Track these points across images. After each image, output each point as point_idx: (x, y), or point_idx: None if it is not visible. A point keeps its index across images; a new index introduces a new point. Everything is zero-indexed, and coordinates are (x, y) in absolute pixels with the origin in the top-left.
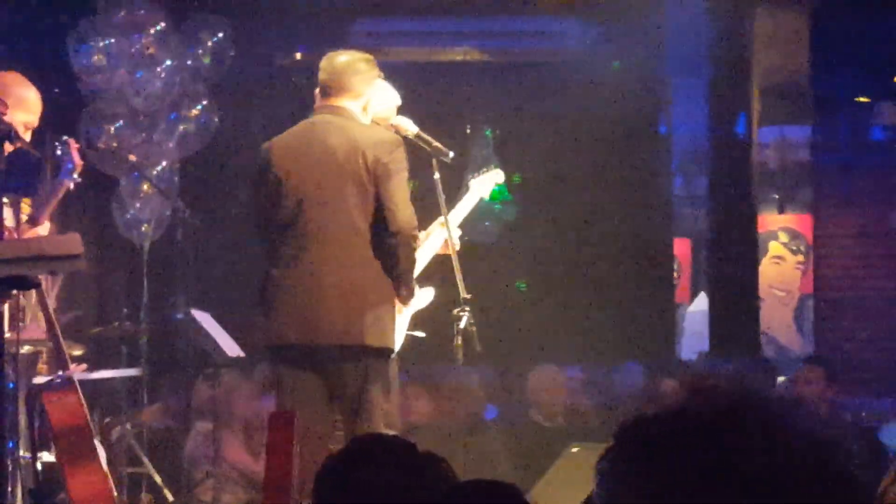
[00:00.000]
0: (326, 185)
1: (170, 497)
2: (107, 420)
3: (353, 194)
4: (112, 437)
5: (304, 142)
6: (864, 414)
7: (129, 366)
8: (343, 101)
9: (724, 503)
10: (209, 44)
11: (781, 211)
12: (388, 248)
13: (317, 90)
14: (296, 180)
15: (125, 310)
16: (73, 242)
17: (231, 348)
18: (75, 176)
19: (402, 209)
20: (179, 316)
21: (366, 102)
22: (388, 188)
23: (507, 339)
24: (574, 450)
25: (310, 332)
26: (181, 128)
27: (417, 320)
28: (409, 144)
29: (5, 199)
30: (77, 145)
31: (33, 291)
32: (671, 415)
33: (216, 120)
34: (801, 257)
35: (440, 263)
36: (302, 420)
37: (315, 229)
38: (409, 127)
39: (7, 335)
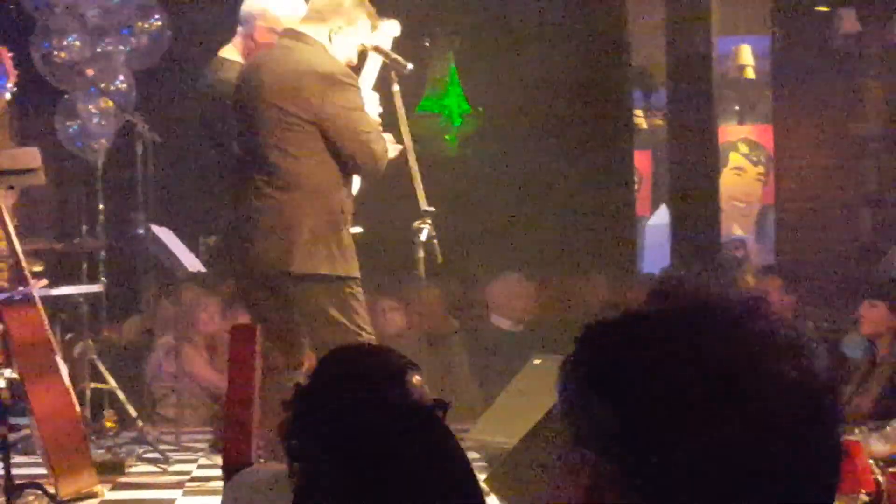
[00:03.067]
0: (282, 117)
1: (133, 413)
2: (68, 336)
3: (306, 127)
4: (74, 354)
5: (261, 69)
6: (824, 324)
7: (90, 282)
8: (306, 26)
9: (686, 405)
10: None
11: (741, 122)
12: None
13: None
14: (254, 108)
15: (84, 226)
16: (31, 156)
17: (192, 264)
18: (10, 86)
19: (361, 147)
20: (140, 231)
21: (332, 29)
22: (338, 127)
23: (469, 251)
24: (536, 362)
25: (283, 262)
26: (133, 41)
27: (377, 234)
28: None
29: None
30: (10, 54)
31: None
32: (633, 318)
33: (169, 33)
34: (761, 168)
35: (400, 177)
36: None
37: (271, 161)
38: (391, 32)
39: None
